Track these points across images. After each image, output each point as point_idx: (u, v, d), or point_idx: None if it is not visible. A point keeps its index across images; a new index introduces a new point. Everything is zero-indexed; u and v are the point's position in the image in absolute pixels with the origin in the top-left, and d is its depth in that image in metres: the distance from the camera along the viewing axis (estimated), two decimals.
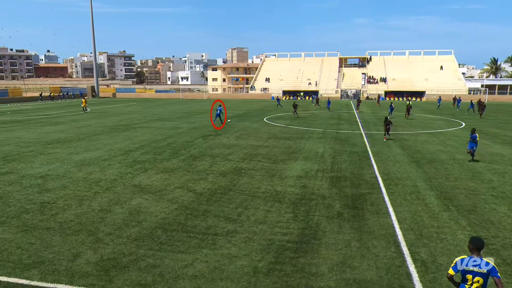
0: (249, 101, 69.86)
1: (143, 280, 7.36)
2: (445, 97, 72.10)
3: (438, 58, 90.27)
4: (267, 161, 17.92)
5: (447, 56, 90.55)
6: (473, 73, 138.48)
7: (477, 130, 18.29)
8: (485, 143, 23.35)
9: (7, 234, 9.46)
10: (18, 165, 16.92)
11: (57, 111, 46.04)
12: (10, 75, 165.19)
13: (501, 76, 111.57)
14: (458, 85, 77.83)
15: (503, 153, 19.98)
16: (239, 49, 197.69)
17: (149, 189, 13.32)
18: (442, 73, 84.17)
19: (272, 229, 9.80)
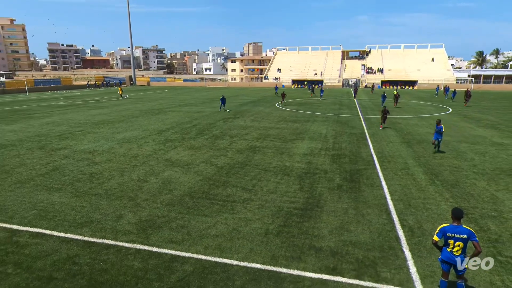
0: (263, 89, 69.17)
1: (174, 238, 7.57)
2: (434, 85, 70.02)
3: (430, 51, 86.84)
4: (278, 140, 17.87)
5: (438, 49, 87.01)
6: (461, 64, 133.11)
7: (464, 116, 17.63)
8: (469, 126, 22.68)
9: (63, 198, 9.81)
10: (71, 142, 17.33)
11: (101, 97, 46.57)
12: (62, 67, 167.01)
13: (486, 67, 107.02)
14: (447, 75, 75.07)
15: (485, 135, 19.41)
16: (254, 44, 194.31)
17: (178, 163, 13.51)
18: (433, 64, 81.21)
19: (281, 198, 9.87)
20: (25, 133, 19.78)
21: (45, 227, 8.04)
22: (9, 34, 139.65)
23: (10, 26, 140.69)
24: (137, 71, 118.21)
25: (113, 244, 7.28)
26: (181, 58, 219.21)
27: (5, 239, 7.49)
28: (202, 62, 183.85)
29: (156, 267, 6.47)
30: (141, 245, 7.23)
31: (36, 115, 28.06)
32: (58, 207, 9.16)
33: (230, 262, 6.65)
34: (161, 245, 7.23)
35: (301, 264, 6.60)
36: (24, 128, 21.65)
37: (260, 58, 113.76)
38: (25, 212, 8.88)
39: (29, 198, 9.77)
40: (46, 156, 14.56)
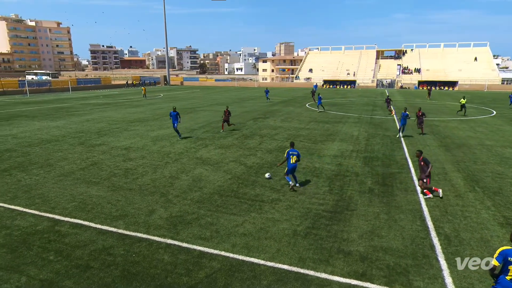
0: (294, 89, 68.71)
1: (203, 234, 7.72)
2: (476, 86, 65.92)
3: (473, 50, 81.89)
4: (308, 141, 17.67)
5: (482, 48, 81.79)
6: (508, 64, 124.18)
7: (509, 119, 16.47)
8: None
9: (100, 192, 10.33)
10: (108, 139, 18.20)
11: (137, 96, 48.44)
12: (102, 67, 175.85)
13: None
14: (492, 76, 70.41)
15: None
16: (286, 43, 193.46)
17: (209, 161, 13.75)
18: (476, 64, 76.53)
19: (310, 200, 9.76)
20: (67, 129, 21.04)
21: (83, 218, 8.51)
22: (55, 36, 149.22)
23: (56, 29, 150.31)
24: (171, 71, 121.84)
25: (145, 238, 7.55)
26: (214, 58, 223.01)
27: (48, 228, 8.02)
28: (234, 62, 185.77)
29: (185, 262, 6.63)
30: (171, 240, 7.44)
31: (77, 112, 29.77)
32: (95, 200, 9.66)
33: (257, 261, 6.68)
34: (190, 241, 7.40)
35: (328, 268, 6.48)
36: (67, 124, 23.03)
37: (292, 58, 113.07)
38: (66, 203, 9.45)
39: (70, 191, 10.39)
40: (86, 151, 15.40)
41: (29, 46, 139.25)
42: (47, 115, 27.69)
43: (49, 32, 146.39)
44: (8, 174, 12.07)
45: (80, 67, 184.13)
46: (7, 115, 28.09)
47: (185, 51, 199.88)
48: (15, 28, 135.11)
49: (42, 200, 9.68)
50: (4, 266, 6.51)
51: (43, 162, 13.62)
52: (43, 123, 23.68)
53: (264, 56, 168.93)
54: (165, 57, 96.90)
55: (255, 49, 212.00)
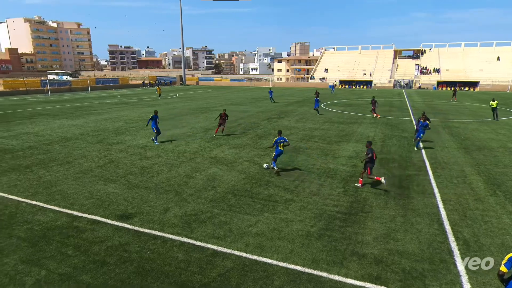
0: (309, 89, 68.25)
1: (216, 233, 7.77)
2: (499, 86, 63.76)
3: (495, 49, 79.24)
4: (322, 142, 17.53)
5: (506, 47, 79.02)
6: None
7: None
8: None
9: (117, 189, 10.54)
10: (125, 137, 18.56)
11: (154, 96, 49.18)
12: (120, 67, 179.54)
13: None
14: None
15: None
16: (301, 43, 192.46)
17: (223, 161, 13.83)
18: (498, 64, 74.03)
19: (324, 201, 9.67)
20: (86, 128, 21.58)
21: (101, 215, 8.71)
22: (76, 37, 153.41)
23: (77, 30, 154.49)
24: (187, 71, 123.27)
25: (160, 235, 7.66)
26: (229, 58, 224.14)
27: (67, 224, 8.25)
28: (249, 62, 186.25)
29: (199, 261, 6.69)
30: (185, 238, 7.53)
31: (96, 111, 30.48)
32: (112, 197, 9.87)
33: (270, 261, 6.67)
34: (204, 240, 7.46)
35: (342, 270, 6.41)
36: (86, 123, 23.62)
37: (307, 58, 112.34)
38: (84, 200, 9.69)
39: (88, 188, 10.65)
40: (104, 149, 15.75)
41: (51, 46, 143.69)
42: (67, 114, 28.47)
43: (70, 33, 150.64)
44: (30, 170, 12.48)
45: (99, 67, 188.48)
46: (30, 113, 29.06)
47: (201, 51, 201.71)
48: (38, 30, 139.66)
49: (61, 196, 9.96)
50: (26, 259, 6.74)
51: (63, 159, 14.01)
52: (64, 121, 24.36)
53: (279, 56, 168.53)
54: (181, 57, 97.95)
55: (270, 49, 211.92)
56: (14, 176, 11.84)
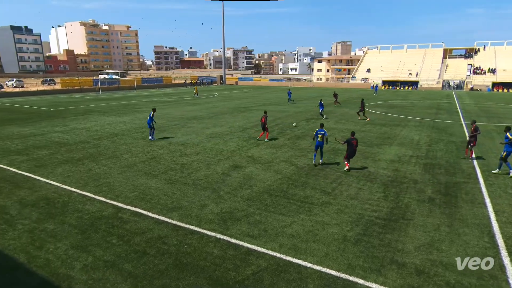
0: (349, 89, 66.40)
1: (251, 232, 7.84)
2: None
3: None
4: (362, 144, 16.96)
5: None
6: None
7: None
8: None
9: (158, 184, 11.02)
10: (167, 135, 19.34)
11: (195, 95, 50.65)
12: (164, 67, 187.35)
13: None
14: None
15: None
16: (343, 43, 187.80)
17: (260, 160, 13.90)
18: None
19: (363, 205, 9.36)
20: (132, 125, 22.79)
21: (142, 207, 9.16)
22: (125, 39, 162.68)
23: (126, 32, 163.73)
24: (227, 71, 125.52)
25: (197, 231, 7.89)
26: (268, 58, 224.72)
27: (112, 214, 8.78)
28: (288, 62, 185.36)
29: (233, 258, 6.79)
30: (221, 235, 7.67)
31: (141, 109, 32.08)
32: (153, 192, 10.33)
33: (304, 264, 6.59)
34: (238, 237, 7.56)
35: (380, 278, 6.16)
36: (132, 120, 24.95)
37: (349, 57, 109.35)
38: (129, 193, 10.24)
39: (132, 181, 11.25)
40: (147, 145, 16.53)
41: (103, 48, 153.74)
42: (116, 111, 30.27)
43: (120, 35, 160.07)
44: (81, 163, 13.45)
45: (145, 67, 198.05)
46: (83, 110, 31.31)
47: (241, 51, 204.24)
48: (92, 32, 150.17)
49: (108, 188, 10.62)
50: (76, 245, 7.28)
51: (110, 153, 14.93)
52: (112, 118, 25.94)
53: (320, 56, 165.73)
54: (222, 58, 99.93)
55: (311, 49, 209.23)
56: (68, 167, 12.83)
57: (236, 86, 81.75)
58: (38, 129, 21.38)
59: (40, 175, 11.93)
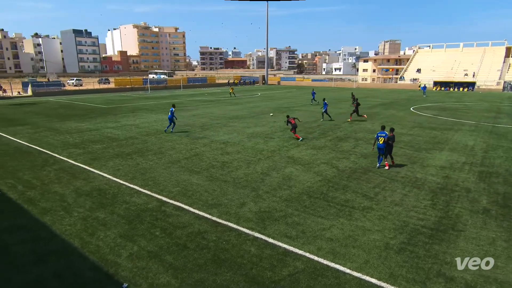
0: (397, 90, 63.30)
1: (288, 233, 7.79)
2: None
3: None
4: (410, 148, 16.10)
5: None
6: None
7: None
8: None
9: (200, 181, 11.36)
10: (209, 133, 19.87)
11: (237, 94, 51.48)
12: (209, 67, 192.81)
13: None
14: None
15: None
16: (391, 42, 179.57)
17: (300, 161, 13.77)
18: None
19: (408, 212, 8.89)
20: (177, 122, 23.72)
21: (184, 202, 9.51)
22: (173, 40, 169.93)
23: (174, 33, 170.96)
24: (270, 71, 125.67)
25: (235, 228, 8.01)
26: (312, 58, 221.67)
27: (156, 208, 9.22)
28: (333, 62, 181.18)
29: (270, 257, 6.80)
30: (259, 234, 7.72)
31: (186, 108, 33.30)
32: (195, 188, 10.68)
33: (343, 269, 6.41)
34: (276, 238, 7.55)
35: None
36: (177, 118, 25.96)
37: (397, 57, 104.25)
38: (172, 187, 10.69)
39: (175, 177, 11.72)
40: (190, 143, 17.13)
41: (153, 49, 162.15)
42: (162, 109, 31.74)
43: (169, 37, 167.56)
44: (130, 158, 14.30)
45: (190, 67, 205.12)
46: (133, 108, 33.25)
47: (284, 51, 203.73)
48: (143, 34, 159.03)
49: (153, 182, 11.17)
50: (123, 234, 7.76)
51: (156, 149, 15.69)
52: (159, 116, 27.24)
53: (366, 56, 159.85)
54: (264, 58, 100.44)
55: (356, 48, 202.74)
56: (118, 161, 13.71)
57: (278, 86, 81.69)
58: (93, 124, 23.10)
59: (94, 167, 12.88)
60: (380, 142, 12.39)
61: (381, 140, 12.38)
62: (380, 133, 12.57)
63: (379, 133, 12.55)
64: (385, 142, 12.36)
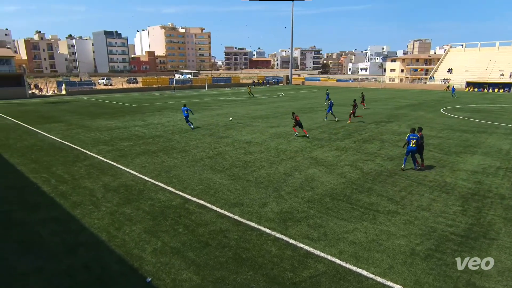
0: (426, 91, 61.07)
1: (310, 234, 7.71)
2: None
3: None
4: (439, 151, 15.48)
5: None
6: None
7: None
8: None
9: (223, 180, 11.48)
10: (233, 132, 20.02)
11: (261, 94, 51.59)
12: (233, 67, 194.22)
13: None
14: None
15: None
16: (421, 41, 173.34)
17: (323, 162, 13.59)
18: None
19: (436, 218, 8.55)
20: (201, 122, 24.10)
21: (207, 201, 9.64)
22: (199, 41, 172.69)
23: (200, 34, 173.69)
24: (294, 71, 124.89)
25: (256, 228, 8.03)
26: (337, 58, 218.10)
27: (180, 205, 9.41)
28: (359, 62, 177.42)
29: (291, 258, 6.76)
30: (280, 234, 7.70)
31: (210, 107, 33.74)
32: (218, 186, 10.80)
33: (365, 273, 6.27)
34: (297, 239, 7.50)
35: None
36: (201, 117, 26.39)
37: (427, 56, 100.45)
38: (195, 185, 10.87)
39: (199, 175, 11.91)
40: (214, 142, 17.34)
41: (179, 49, 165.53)
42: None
43: (194, 37, 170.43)
44: (156, 155, 14.67)
45: (215, 67, 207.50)
46: (160, 107, 34.09)
47: (309, 51, 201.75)
48: (170, 35, 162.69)
49: (177, 180, 11.40)
50: (147, 229, 7.97)
51: (181, 148, 16.01)
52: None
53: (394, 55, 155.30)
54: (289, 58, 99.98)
55: (384, 48, 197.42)
56: (144, 159, 14.10)
57: (302, 86, 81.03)
58: (121, 122, 23.91)
59: (122, 164, 13.33)
60: (413, 145, 12.09)
61: (413, 142, 12.09)
62: (411, 135, 12.28)
63: (411, 135, 12.27)
64: (417, 144, 12.08)
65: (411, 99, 43.55)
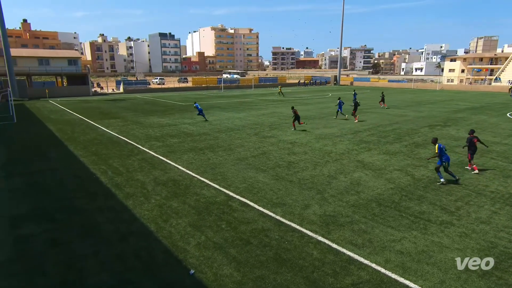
0: (490, 93, 55.76)
1: (354, 240, 7.46)
2: None
3: None
4: (503, 160, 14.08)
5: None
6: None
7: None
8: None
9: (266, 179, 11.54)
10: (277, 132, 20.03)
11: (307, 95, 50.95)
12: (280, 67, 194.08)
13: None
14: None
15: None
16: (486, 38, 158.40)
17: (370, 166, 13.06)
18: None
19: (497, 233, 7.79)
20: (246, 121, 24.44)
21: (250, 199, 9.75)
22: (247, 41, 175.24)
23: (248, 34, 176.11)
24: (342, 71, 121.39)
25: (298, 229, 7.95)
26: (389, 57, 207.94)
27: (224, 202, 9.64)
28: (413, 61, 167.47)
29: (333, 263, 6.59)
30: (322, 238, 7.54)
31: (256, 107, 34.08)
32: (261, 185, 10.88)
33: (413, 286, 5.91)
34: (340, 244, 7.29)
35: None
36: (247, 116, 26.76)
37: (493, 55, 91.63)
38: (239, 183, 11.06)
39: (242, 173, 12.09)
40: (258, 141, 17.48)
41: (228, 50, 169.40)
42: (234, 108, 32.99)
43: (243, 38, 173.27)
44: (202, 152, 15.19)
45: (262, 67, 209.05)
46: (208, 105, 35.21)
47: (359, 50, 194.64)
48: (220, 36, 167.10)
49: (222, 177, 11.69)
50: (193, 223, 8.29)
51: (226, 146, 16.38)
52: (230, 114, 28.38)
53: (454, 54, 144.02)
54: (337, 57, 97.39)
55: (442, 46, 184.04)
56: (192, 155, 14.67)
57: (350, 86, 78.50)
58: (172, 120, 25.10)
59: (171, 159, 14.00)
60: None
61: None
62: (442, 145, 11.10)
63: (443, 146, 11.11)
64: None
65: (472, 102, 40.09)
